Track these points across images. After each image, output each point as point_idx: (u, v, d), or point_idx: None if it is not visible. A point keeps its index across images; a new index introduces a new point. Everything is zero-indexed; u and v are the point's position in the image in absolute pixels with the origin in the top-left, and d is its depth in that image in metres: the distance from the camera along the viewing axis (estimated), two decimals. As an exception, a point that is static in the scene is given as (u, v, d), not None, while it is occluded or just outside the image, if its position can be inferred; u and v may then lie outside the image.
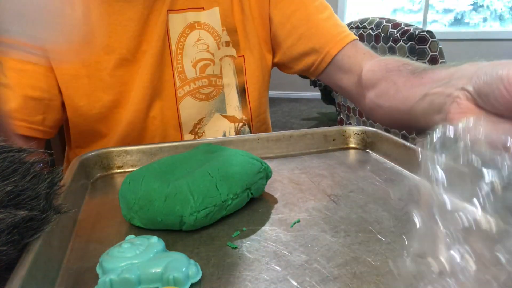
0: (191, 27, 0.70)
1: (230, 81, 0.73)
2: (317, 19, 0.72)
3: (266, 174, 0.46)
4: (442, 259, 0.24)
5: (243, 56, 0.73)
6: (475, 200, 0.24)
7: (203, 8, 0.70)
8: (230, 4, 0.71)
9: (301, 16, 0.72)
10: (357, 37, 0.73)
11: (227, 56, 0.72)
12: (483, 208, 0.24)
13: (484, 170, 0.24)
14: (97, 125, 0.68)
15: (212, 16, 0.70)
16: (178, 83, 0.70)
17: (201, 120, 0.73)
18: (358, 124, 2.18)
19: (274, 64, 0.79)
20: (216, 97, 0.73)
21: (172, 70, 0.69)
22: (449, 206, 0.24)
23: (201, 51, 0.70)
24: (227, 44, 0.72)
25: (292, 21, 0.72)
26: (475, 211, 0.24)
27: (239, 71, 0.73)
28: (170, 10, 0.68)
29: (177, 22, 0.69)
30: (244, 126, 0.75)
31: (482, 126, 0.28)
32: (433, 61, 1.61)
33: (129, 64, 0.67)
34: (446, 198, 0.25)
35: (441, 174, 0.25)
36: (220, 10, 0.71)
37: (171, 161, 0.45)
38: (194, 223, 0.38)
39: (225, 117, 0.74)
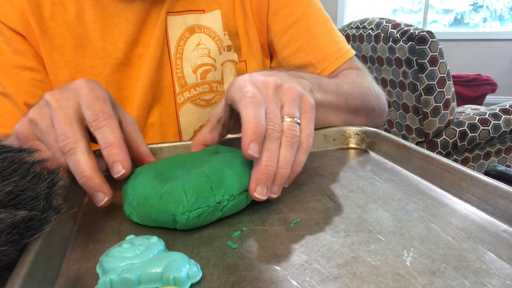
0: (191, 30, 0.67)
1: None
2: (318, 33, 0.70)
3: None
4: None
5: (245, 61, 0.71)
6: None
7: (203, 10, 0.67)
8: (232, 7, 0.68)
9: (301, 29, 0.70)
10: (354, 53, 0.73)
11: (228, 61, 0.70)
12: None
13: None
14: None
15: (213, 19, 0.68)
16: (177, 89, 0.68)
17: (201, 127, 0.71)
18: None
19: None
20: (217, 104, 0.71)
21: (172, 75, 0.67)
22: None
23: (201, 56, 0.68)
24: (229, 48, 0.70)
25: (291, 32, 0.70)
26: None
27: None
28: (169, 12, 0.65)
29: (176, 24, 0.66)
30: None
31: None
32: (433, 61, 1.61)
33: (125, 69, 0.65)
34: None
35: None
36: (222, 13, 0.68)
37: (174, 160, 0.46)
38: (187, 222, 0.38)
39: None
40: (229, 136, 0.71)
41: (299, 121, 0.41)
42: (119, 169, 0.40)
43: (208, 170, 0.41)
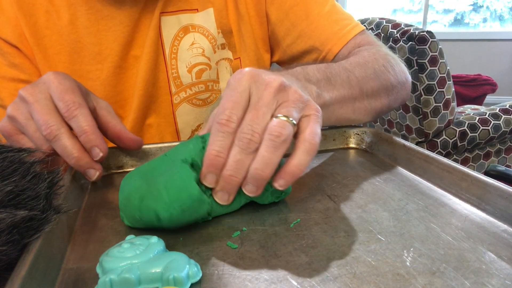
0: (185, 30, 0.67)
1: None
2: (317, 14, 0.67)
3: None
4: None
5: (239, 58, 0.71)
6: None
7: (197, 9, 0.67)
8: (224, 4, 0.68)
9: (300, 12, 0.67)
10: (362, 28, 0.68)
11: (223, 59, 0.70)
12: None
13: None
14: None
15: (206, 18, 0.67)
16: (173, 89, 0.67)
17: (199, 126, 0.71)
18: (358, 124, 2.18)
19: (274, 63, 0.77)
20: (214, 102, 0.70)
21: (167, 76, 0.67)
22: None
23: (196, 55, 0.67)
24: (223, 46, 0.69)
25: (290, 17, 0.68)
26: None
27: None
28: (162, 13, 0.65)
29: (170, 24, 0.66)
30: None
31: None
32: (433, 61, 1.61)
33: (122, 72, 0.64)
34: None
35: None
36: (215, 11, 0.68)
37: (161, 157, 0.43)
38: (170, 218, 0.37)
39: None
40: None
41: (295, 122, 0.38)
42: (98, 152, 0.45)
43: (190, 158, 0.39)
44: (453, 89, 1.70)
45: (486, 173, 0.75)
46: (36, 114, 0.43)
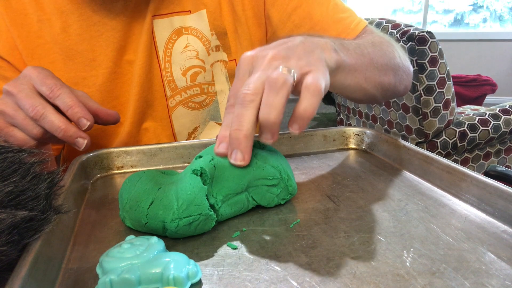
0: (178, 32, 0.66)
1: (223, 87, 0.70)
2: (319, 15, 0.66)
3: (286, 187, 0.43)
4: None
5: (235, 59, 0.70)
6: None
7: (189, 11, 0.66)
8: (218, 5, 0.67)
9: (303, 14, 0.67)
10: (365, 23, 0.68)
11: (218, 61, 0.69)
12: None
13: None
14: (98, 140, 0.66)
15: (199, 20, 0.67)
16: (168, 93, 0.67)
17: (195, 129, 0.71)
18: (358, 124, 2.18)
19: None
20: (210, 105, 0.70)
21: (162, 79, 0.67)
22: None
23: (190, 58, 0.67)
24: (217, 48, 0.69)
25: (293, 19, 0.67)
26: None
27: (232, 76, 0.70)
28: (154, 16, 0.64)
29: (163, 27, 0.65)
30: None
31: None
32: (433, 61, 1.61)
33: (117, 77, 0.64)
34: None
35: None
36: (208, 13, 0.67)
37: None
38: (176, 230, 0.37)
39: (220, 124, 0.71)
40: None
41: (293, 72, 0.39)
42: (85, 123, 0.48)
43: (199, 168, 0.39)
44: (453, 90, 1.70)
45: (486, 174, 0.75)
46: (22, 101, 0.46)
